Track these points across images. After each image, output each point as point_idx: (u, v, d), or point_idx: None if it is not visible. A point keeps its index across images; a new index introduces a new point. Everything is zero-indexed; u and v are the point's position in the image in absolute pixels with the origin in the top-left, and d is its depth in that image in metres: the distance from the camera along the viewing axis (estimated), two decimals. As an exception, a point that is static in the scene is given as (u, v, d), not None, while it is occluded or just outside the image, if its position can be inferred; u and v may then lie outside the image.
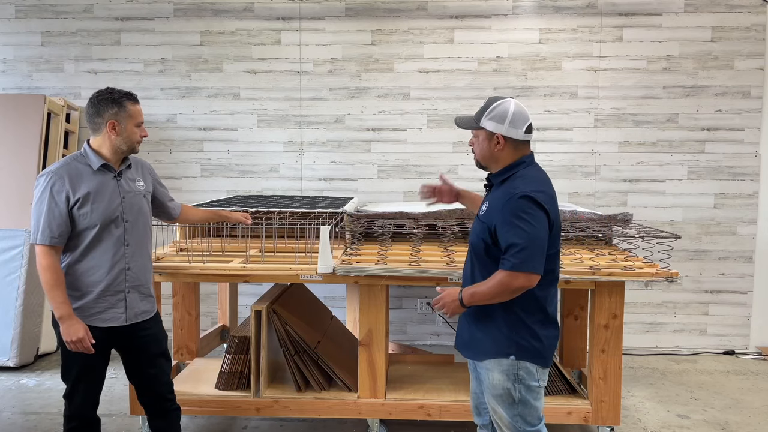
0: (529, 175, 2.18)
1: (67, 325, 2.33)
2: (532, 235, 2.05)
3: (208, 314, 4.92)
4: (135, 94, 2.51)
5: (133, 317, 2.51)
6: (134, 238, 2.49)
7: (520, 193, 2.08)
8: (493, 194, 2.22)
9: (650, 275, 2.91)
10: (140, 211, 2.53)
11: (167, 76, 4.88)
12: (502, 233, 2.09)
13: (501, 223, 2.09)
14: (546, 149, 4.77)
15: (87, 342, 2.35)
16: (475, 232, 2.25)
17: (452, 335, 4.87)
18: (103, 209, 2.39)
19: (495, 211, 2.14)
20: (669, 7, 4.66)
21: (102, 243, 2.41)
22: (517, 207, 2.07)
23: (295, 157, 4.90)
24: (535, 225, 2.06)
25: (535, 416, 2.22)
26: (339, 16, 4.79)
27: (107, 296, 2.44)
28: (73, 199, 2.36)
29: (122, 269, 2.46)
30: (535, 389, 2.20)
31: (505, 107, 2.17)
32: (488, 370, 2.22)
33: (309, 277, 2.98)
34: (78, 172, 2.40)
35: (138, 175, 2.59)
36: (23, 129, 4.41)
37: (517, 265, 2.04)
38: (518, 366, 2.17)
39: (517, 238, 2.05)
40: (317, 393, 3.18)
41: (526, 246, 2.04)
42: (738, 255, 4.77)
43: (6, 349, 4.20)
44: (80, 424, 2.51)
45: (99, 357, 2.46)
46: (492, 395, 2.23)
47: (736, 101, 4.68)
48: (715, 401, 3.83)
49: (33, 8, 4.89)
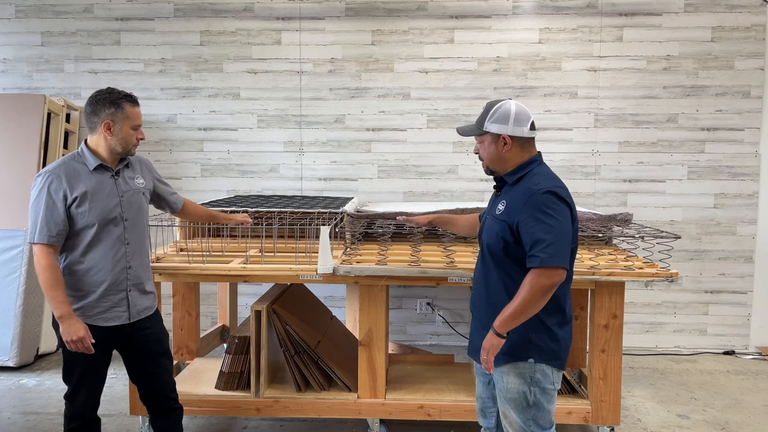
0: (545, 172, 2.18)
1: (67, 324, 2.32)
2: (558, 229, 2.04)
3: (208, 314, 4.93)
4: (135, 96, 2.49)
5: (136, 315, 2.51)
6: (134, 236, 2.50)
7: (543, 188, 2.07)
8: (510, 193, 2.19)
9: (650, 275, 2.91)
10: (139, 209, 2.53)
11: (167, 76, 4.88)
12: (526, 229, 2.05)
13: (525, 219, 2.06)
14: (546, 149, 4.68)
15: (87, 341, 2.34)
16: (491, 232, 2.19)
17: (452, 335, 4.89)
18: (101, 208, 2.39)
19: (516, 208, 2.10)
20: (669, 7, 4.66)
21: (102, 242, 2.41)
22: (542, 202, 2.05)
23: (295, 157, 4.90)
24: (560, 220, 2.05)
25: (547, 420, 2.19)
26: (339, 16, 4.79)
27: (110, 295, 2.43)
28: (70, 198, 2.35)
29: (124, 268, 2.46)
30: (549, 392, 2.18)
31: (506, 108, 2.17)
32: (503, 374, 2.18)
33: (309, 277, 2.97)
34: (75, 172, 2.40)
35: (137, 173, 2.58)
36: (23, 129, 4.41)
37: (546, 259, 2.00)
38: (535, 369, 2.15)
39: (543, 233, 2.02)
40: (317, 393, 3.18)
41: (554, 241, 2.01)
42: (738, 255, 4.77)
43: (6, 349, 4.20)
44: (81, 425, 2.50)
45: (101, 357, 2.46)
46: (505, 399, 2.19)
47: (736, 101, 4.68)
48: (715, 401, 3.83)
49: (33, 8, 4.89)
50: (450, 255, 3.22)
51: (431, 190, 4.87)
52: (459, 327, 4.86)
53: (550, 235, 2.02)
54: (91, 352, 2.36)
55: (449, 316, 4.91)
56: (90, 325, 2.39)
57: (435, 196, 4.87)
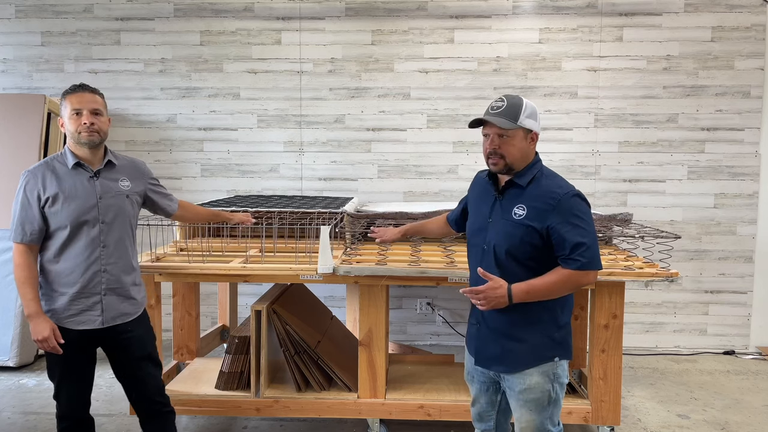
0: (554, 173, 2.20)
1: (35, 323, 2.31)
2: (593, 233, 2.08)
3: (208, 314, 4.93)
4: (81, 83, 2.43)
5: (111, 320, 2.44)
6: (112, 239, 2.43)
7: (570, 192, 2.09)
8: (526, 196, 2.12)
9: (650, 275, 2.91)
10: (120, 212, 2.45)
11: (167, 76, 4.88)
12: (562, 234, 2.04)
13: (559, 223, 2.05)
14: (546, 149, 4.77)
15: (53, 341, 2.31)
16: (511, 237, 2.11)
17: (452, 335, 4.89)
18: (74, 209, 2.35)
19: (544, 212, 2.07)
20: (669, 7, 4.66)
21: (75, 244, 2.37)
22: (574, 206, 2.07)
23: (295, 157, 4.90)
24: (591, 223, 2.09)
25: (558, 416, 2.23)
26: (339, 16, 4.79)
27: (81, 298, 2.39)
28: (43, 198, 2.34)
29: (97, 271, 2.40)
30: (564, 386, 2.22)
31: (531, 104, 2.16)
32: (525, 376, 2.15)
33: (309, 277, 2.97)
34: (53, 171, 2.38)
35: (123, 175, 2.51)
36: (23, 129, 4.41)
37: (586, 264, 2.04)
38: (557, 365, 2.17)
39: (581, 237, 2.04)
40: (317, 393, 3.18)
41: (591, 245, 2.05)
42: (738, 255, 4.77)
43: (6, 349, 4.20)
44: (71, 424, 2.48)
45: (81, 357, 2.43)
46: (525, 400, 2.17)
47: (736, 101, 4.68)
48: (715, 401, 3.83)
49: (33, 8, 4.89)
50: (450, 255, 3.22)
51: (431, 190, 4.87)
52: (459, 327, 4.86)
53: (588, 239, 2.05)
54: (58, 352, 2.34)
55: (449, 316, 4.91)
56: (63, 327, 2.37)
57: (435, 196, 4.87)
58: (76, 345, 2.39)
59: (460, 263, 3.00)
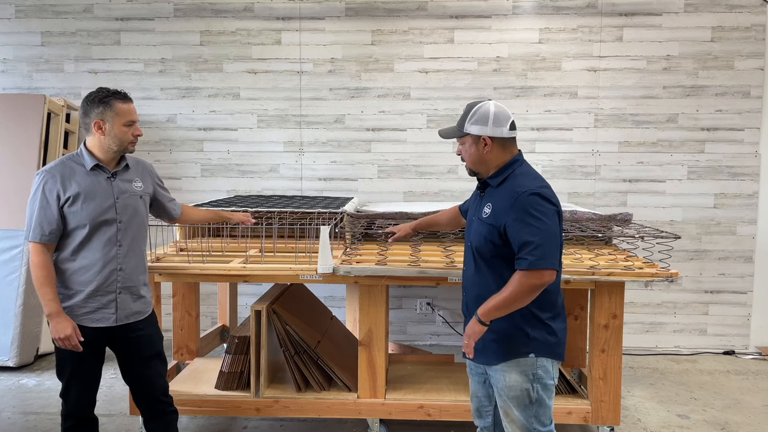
0: (528, 173, 2.19)
1: (56, 322, 2.34)
2: (545, 231, 2.05)
3: (208, 314, 4.93)
4: (125, 93, 2.47)
5: (124, 318, 2.49)
6: (127, 238, 2.48)
7: (528, 190, 2.08)
8: (495, 195, 2.20)
9: (650, 275, 2.91)
10: (135, 212, 2.52)
11: (167, 76, 4.88)
12: (514, 232, 2.07)
13: (512, 222, 2.07)
14: (546, 149, 4.77)
15: (75, 340, 2.35)
16: (478, 235, 2.21)
17: (452, 335, 4.89)
18: (93, 209, 2.39)
19: (502, 211, 2.11)
20: (669, 7, 4.66)
21: (93, 242, 2.40)
22: (528, 204, 2.06)
23: (295, 157, 4.90)
24: (547, 221, 2.06)
25: (547, 416, 2.21)
26: (339, 16, 4.79)
27: (98, 296, 2.43)
28: (63, 198, 2.36)
29: (114, 269, 2.44)
30: (550, 388, 2.20)
31: (485, 109, 2.18)
32: (504, 372, 2.19)
33: (309, 277, 2.97)
34: (71, 172, 2.40)
35: (136, 176, 2.57)
36: (23, 129, 4.41)
37: (534, 262, 2.02)
38: (537, 364, 2.16)
39: (530, 235, 2.03)
40: (317, 393, 3.18)
41: (541, 243, 2.02)
42: (738, 255, 4.77)
43: (6, 349, 4.20)
44: (77, 423, 2.50)
45: (92, 356, 2.45)
46: (507, 397, 2.20)
47: (736, 101, 4.68)
48: (715, 401, 3.83)
49: (33, 8, 4.89)
50: (450, 255, 3.22)
51: (431, 190, 4.87)
52: (459, 327, 4.86)
53: (537, 237, 2.03)
54: (79, 350, 2.37)
55: (449, 316, 4.91)
56: (79, 324, 2.39)
57: (435, 196, 4.87)
58: (89, 343, 2.41)
59: (459, 263, 2.99)
